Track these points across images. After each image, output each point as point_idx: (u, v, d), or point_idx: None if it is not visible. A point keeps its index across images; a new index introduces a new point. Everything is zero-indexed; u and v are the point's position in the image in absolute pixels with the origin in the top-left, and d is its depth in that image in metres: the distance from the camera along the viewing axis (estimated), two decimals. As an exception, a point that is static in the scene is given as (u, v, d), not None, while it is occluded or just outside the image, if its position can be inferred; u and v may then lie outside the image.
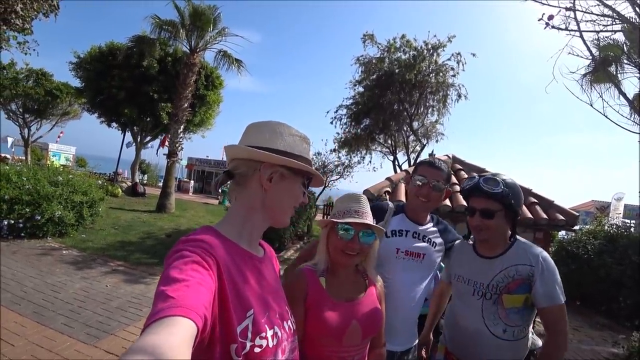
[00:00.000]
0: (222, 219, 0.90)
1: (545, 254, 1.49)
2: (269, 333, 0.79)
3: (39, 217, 6.46)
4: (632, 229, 6.99)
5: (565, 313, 1.44)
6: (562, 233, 6.80)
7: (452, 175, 4.34)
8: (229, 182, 0.92)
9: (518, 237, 1.57)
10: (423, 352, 1.88)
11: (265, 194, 0.87)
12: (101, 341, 3.30)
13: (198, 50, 12.68)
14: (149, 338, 0.49)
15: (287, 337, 0.89)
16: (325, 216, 16.92)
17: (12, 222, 6.28)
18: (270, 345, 0.78)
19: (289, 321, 0.93)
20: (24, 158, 19.82)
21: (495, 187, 1.47)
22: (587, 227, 7.24)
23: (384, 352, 1.40)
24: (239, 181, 0.89)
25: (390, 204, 1.78)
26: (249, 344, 0.73)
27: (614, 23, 4.61)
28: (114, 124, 18.52)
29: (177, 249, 0.71)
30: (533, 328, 1.66)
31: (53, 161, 20.73)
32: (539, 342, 2.65)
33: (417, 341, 1.76)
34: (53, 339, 3.23)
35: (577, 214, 3.95)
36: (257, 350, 0.74)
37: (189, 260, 0.67)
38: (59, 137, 24.99)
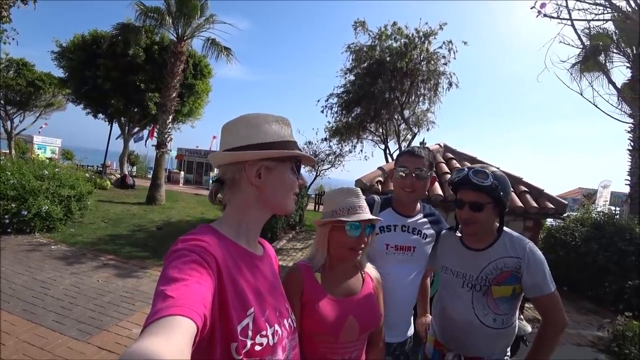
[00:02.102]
0: (220, 218, 0.91)
1: (532, 245, 1.52)
2: (269, 331, 0.80)
3: (25, 213, 6.33)
4: (617, 216, 7.15)
5: (555, 301, 1.47)
6: (550, 220, 6.94)
7: (444, 164, 4.35)
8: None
9: (505, 228, 1.58)
10: (423, 331, 1.88)
11: (258, 190, 0.87)
12: (94, 337, 3.28)
13: (185, 38, 12.39)
14: (148, 340, 0.49)
15: (287, 335, 0.89)
16: (317, 205, 16.93)
17: (-2, 217, 6.14)
18: (271, 343, 0.79)
19: (289, 319, 0.94)
20: (8, 152, 19.31)
21: (484, 179, 1.46)
22: (575, 214, 7.38)
23: (383, 347, 1.41)
24: (230, 185, 0.89)
25: (377, 198, 1.76)
26: (249, 342, 0.74)
27: (605, 12, 4.63)
28: (100, 115, 18.09)
29: (176, 249, 0.71)
30: (522, 314, 1.69)
31: (38, 154, 20.25)
32: (528, 328, 2.71)
33: (412, 331, 1.78)
34: (44, 336, 3.19)
35: (566, 203, 4.01)
36: (257, 348, 0.75)
37: (188, 259, 0.67)
38: (41, 127, 24.39)
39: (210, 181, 20.08)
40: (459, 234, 1.67)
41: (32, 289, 4.19)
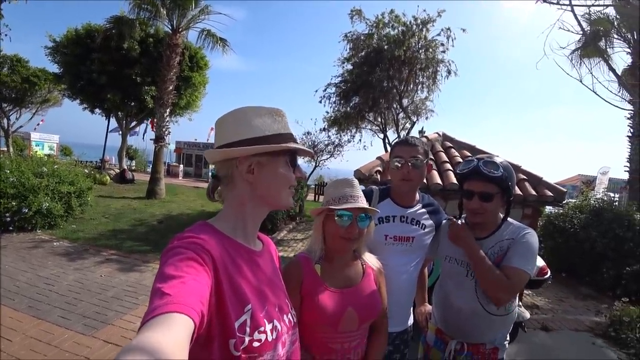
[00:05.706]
0: (217, 214, 0.90)
1: (529, 231, 1.53)
2: (268, 327, 0.80)
3: (26, 210, 6.34)
4: (616, 203, 7.17)
5: (516, 278, 1.43)
6: (549, 207, 6.98)
7: (443, 153, 4.35)
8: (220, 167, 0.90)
9: (509, 218, 1.61)
10: (423, 320, 1.90)
11: (252, 186, 0.86)
12: (99, 331, 3.33)
13: (180, 30, 12.21)
14: (146, 336, 0.49)
15: (287, 330, 0.89)
16: (316, 196, 16.98)
17: (-1, 216, 6.16)
18: (270, 339, 0.79)
19: (289, 314, 0.94)
20: (5, 149, 19.23)
21: (495, 170, 1.49)
22: (574, 201, 7.40)
23: (386, 335, 1.43)
24: (225, 182, 0.89)
25: (375, 189, 1.77)
26: (247, 339, 0.74)
27: (605, -4, 4.56)
28: (97, 110, 17.94)
29: (172, 246, 0.71)
30: (521, 300, 1.71)
31: (36, 151, 20.20)
32: (527, 314, 2.74)
33: (412, 321, 1.80)
34: (51, 332, 3.24)
35: (565, 190, 4.03)
36: (255, 344, 0.75)
37: (184, 257, 0.67)
38: (38, 124, 24.25)
39: (210, 174, 19.98)
40: (461, 222, 1.68)
41: (36, 286, 4.23)
